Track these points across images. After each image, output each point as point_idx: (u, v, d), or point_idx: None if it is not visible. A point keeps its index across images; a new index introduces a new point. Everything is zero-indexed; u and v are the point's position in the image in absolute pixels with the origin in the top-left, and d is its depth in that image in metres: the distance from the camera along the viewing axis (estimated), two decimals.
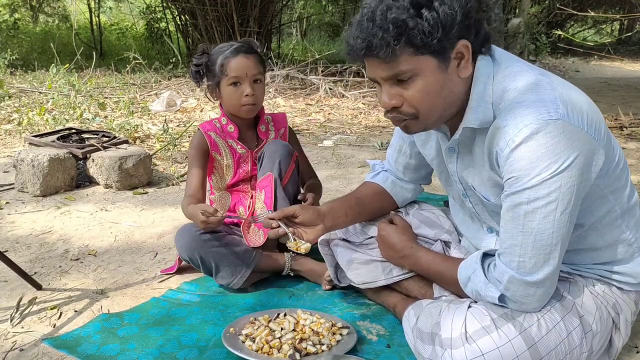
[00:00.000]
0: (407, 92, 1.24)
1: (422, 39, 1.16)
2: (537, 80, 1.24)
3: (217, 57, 1.97)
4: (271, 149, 1.99)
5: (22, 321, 1.75)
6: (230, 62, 1.94)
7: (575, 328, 1.30)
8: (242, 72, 1.94)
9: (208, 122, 2.11)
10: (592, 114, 1.24)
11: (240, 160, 2.07)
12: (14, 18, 10.75)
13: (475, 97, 1.28)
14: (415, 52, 1.19)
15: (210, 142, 2.05)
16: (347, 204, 1.69)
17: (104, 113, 5.03)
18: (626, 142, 4.30)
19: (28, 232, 2.50)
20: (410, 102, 1.25)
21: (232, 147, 2.06)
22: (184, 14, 9.03)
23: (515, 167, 1.20)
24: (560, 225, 1.21)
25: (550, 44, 10.43)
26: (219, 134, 2.06)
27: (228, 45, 1.99)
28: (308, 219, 1.57)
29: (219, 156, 2.06)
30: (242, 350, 1.48)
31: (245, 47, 1.98)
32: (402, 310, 1.56)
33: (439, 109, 1.28)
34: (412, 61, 1.20)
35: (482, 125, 1.29)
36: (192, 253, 1.85)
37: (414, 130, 1.34)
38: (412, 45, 1.17)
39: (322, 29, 13.86)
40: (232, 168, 2.07)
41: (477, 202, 1.47)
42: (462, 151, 1.41)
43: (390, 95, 1.26)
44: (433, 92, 1.24)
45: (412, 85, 1.23)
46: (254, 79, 1.97)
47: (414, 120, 1.29)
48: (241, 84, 1.95)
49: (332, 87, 6.44)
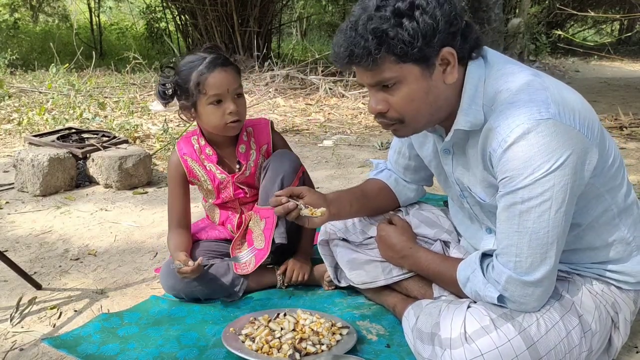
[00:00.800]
0: (393, 98, 1.27)
1: (403, 49, 1.19)
2: (529, 80, 1.25)
3: (189, 73, 1.75)
4: (276, 162, 1.85)
5: (22, 321, 1.75)
6: (208, 78, 1.73)
7: (574, 327, 1.31)
8: (222, 88, 1.75)
9: (186, 139, 1.93)
10: (584, 112, 1.24)
11: (221, 186, 1.91)
12: (14, 18, 10.75)
13: (467, 100, 1.29)
14: (397, 60, 1.21)
15: (187, 168, 1.90)
16: (353, 195, 1.70)
17: (104, 113, 5.03)
18: (626, 142, 4.29)
19: (28, 232, 2.50)
20: (395, 108, 1.28)
21: (211, 171, 1.89)
22: (184, 13, 9.04)
23: (508, 167, 1.20)
24: (555, 224, 1.21)
25: (550, 44, 10.44)
26: (195, 158, 1.89)
27: (199, 59, 1.76)
28: (314, 201, 1.56)
29: (198, 182, 1.93)
30: (242, 350, 1.48)
31: (221, 59, 1.77)
32: (401, 310, 1.56)
33: (425, 114, 1.30)
34: (395, 69, 1.22)
35: (473, 127, 1.30)
36: (177, 293, 1.84)
37: (403, 134, 1.37)
38: (393, 54, 1.20)
39: (322, 29, 13.85)
40: (213, 193, 1.94)
41: (474, 203, 1.47)
42: (457, 152, 1.42)
43: (376, 101, 1.29)
44: (417, 98, 1.26)
45: (396, 92, 1.26)
46: (235, 93, 1.78)
47: (400, 124, 1.32)
48: (223, 101, 1.76)
49: (332, 87, 6.43)
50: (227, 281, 1.84)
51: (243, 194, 1.94)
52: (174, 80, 1.81)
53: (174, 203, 1.93)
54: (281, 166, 1.83)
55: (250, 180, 1.93)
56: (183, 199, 1.93)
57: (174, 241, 1.88)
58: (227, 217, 1.99)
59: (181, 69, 1.79)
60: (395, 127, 1.33)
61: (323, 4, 12.87)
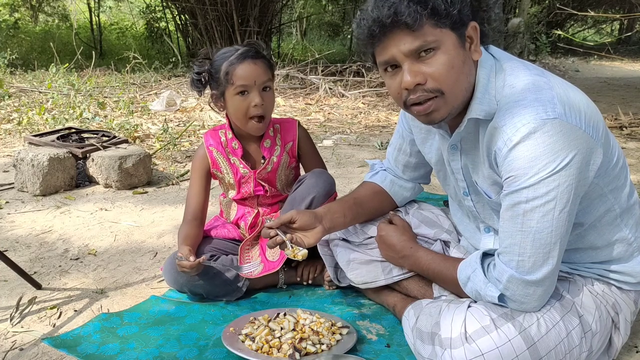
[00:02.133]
0: (430, 68, 1.22)
1: (446, 7, 1.18)
2: (535, 79, 1.25)
3: (221, 63, 1.81)
4: (312, 180, 1.85)
5: (21, 321, 1.75)
6: (236, 69, 1.78)
7: (574, 328, 1.31)
8: (249, 79, 1.78)
9: (214, 131, 1.97)
10: (590, 113, 1.24)
11: (242, 180, 1.94)
12: (14, 17, 10.75)
13: (480, 89, 1.28)
14: (436, 24, 1.20)
15: (212, 159, 1.93)
16: (345, 204, 1.69)
17: (104, 112, 5.03)
18: (626, 142, 4.30)
19: (28, 232, 2.50)
20: (434, 77, 1.23)
21: (235, 165, 1.93)
22: (183, 13, 9.04)
23: (513, 167, 1.20)
24: (559, 224, 1.21)
25: (550, 43, 10.45)
26: (221, 150, 1.93)
27: (232, 50, 1.83)
28: (305, 223, 1.56)
29: (220, 174, 1.96)
30: (241, 349, 1.48)
31: (252, 52, 1.81)
32: (401, 310, 1.56)
33: (462, 86, 1.26)
34: (435, 33, 1.20)
35: (487, 116, 1.29)
36: (180, 287, 1.84)
37: (439, 114, 1.28)
38: (435, 14, 1.19)
39: (322, 29, 13.86)
40: (234, 187, 1.96)
41: (478, 200, 1.47)
42: (465, 147, 1.41)
43: (413, 73, 1.23)
44: (456, 66, 1.23)
45: (434, 60, 1.22)
46: (262, 86, 1.81)
47: (440, 98, 1.25)
48: (249, 92, 1.80)
49: (332, 87, 6.43)
50: (231, 276, 1.83)
51: (263, 192, 1.96)
52: (207, 70, 1.85)
53: (192, 195, 1.94)
54: (315, 186, 1.84)
55: (272, 177, 1.95)
56: (202, 193, 1.94)
57: (184, 232, 1.87)
58: (243, 214, 2.00)
59: (215, 59, 1.84)
60: (434, 102, 1.25)
61: (323, 4, 12.89)
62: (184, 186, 3.19)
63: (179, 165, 3.62)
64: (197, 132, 4.48)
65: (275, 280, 1.92)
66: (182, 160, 3.72)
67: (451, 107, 1.27)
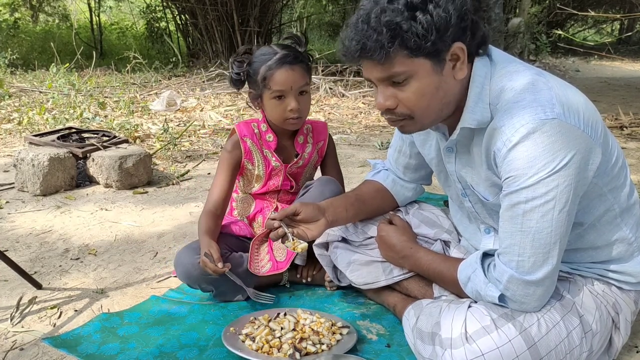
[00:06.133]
0: (402, 94, 1.25)
1: (416, 42, 1.17)
2: (534, 80, 1.25)
3: (260, 66, 1.81)
4: (319, 187, 1.87)
5: (22, 320, 1.75)
6: (274, 74, 1.78)
7: (575, 328, 1.31)
8: (286, 85, 1.79)
9: (246, 123, 1.96)
10: (588, 113, 1.24)
11: (272, 173, 1.95)
12: (14, 17, 10.76)
13: (473, 98, 1.28)
14: (409, 54, 1.19)
15: (245, 149, 1.92)
16: (348, 200, 1.70)
17: (104, 112, 5.03)
18: (626, 142, 4.30)
19: (28, 232, 2.50)
20: (405, 103, 1.26)
21: (267, 157, 1.93)
22: (184, 13, 9.05)
23: (512, 167, 1.20)
24: (559, 224, 1.21)
25: (551, 43, 10.45)
26: (255, 141, 1.92)
27: (271, 53, 1.82)
28: (309, 215, 1.57)
29: (251, 165, 1.95)
30: (242, 349, 1.48)
31: (290, 57, 1.80)
32: (402, 310, 1.56)
33: (434, 109, 1.28)
34: (407, 63, 1.21)
35: (479, 125, 1.30)
36: (191, 281, 1.82)
37: (410, 130, 1.35)
38: (406, 47, 1.18)
39: (322, 29, 13.86)
40: (262, 179, 1.96)
41: (476, 202, 1.47)
42: (461, 150, 1.41)
43: (385, 97, 1.27)
44: (428, 93, 1.25)
45: (406, 87, 1.24)
46: (299, 91, 1.82)
47: (409, 120, 1.30)
48: (285, 97, 1.81)
49: (332, 87, 6.44)
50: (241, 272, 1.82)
51: (289, 186, 1.98)
52: (245, 70, 1.87)
53: (217, 185, 1.91)
54: (323, 193, 1.84)
55: (300, 173, 1.99)
56: (227, 185, 1.92)
57: (206, 225, 1.83)
58: (261, 207, 2.01)
59: (254, 60, 1.85)
60: (404, 123, 1.31)
61: (323, 4, 12.89)
62: (184, 186, 3.19)
63: (179, 165, 3.62)
64: (198, 132, 4.48)
65: (278, 278, 1.93)
66: (183, 160, 3.72)
67: (422, 125, 1.33)
